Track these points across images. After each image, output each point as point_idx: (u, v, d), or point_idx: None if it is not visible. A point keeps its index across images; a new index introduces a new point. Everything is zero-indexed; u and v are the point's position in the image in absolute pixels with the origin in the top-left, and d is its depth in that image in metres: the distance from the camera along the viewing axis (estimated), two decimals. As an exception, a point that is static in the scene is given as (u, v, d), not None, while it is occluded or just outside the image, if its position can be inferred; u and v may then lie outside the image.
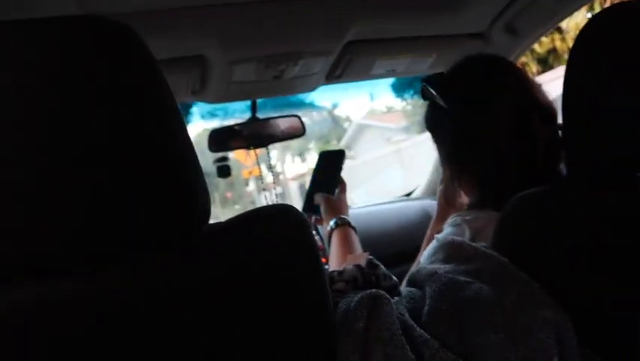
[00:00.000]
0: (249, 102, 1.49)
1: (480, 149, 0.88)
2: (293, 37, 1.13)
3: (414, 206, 1.69)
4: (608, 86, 0.62)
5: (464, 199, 0.98)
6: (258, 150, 1.53)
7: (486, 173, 0.88)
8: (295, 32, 1.12)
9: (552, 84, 1.09)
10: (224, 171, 1.60)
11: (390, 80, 2.30)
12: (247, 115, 1.52)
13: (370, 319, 0.58)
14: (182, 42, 1.06)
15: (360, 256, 0.79)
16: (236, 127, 1.48)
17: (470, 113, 0.87)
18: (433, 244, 0.86)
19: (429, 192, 1.87)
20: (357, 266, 0.68)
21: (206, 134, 1.47)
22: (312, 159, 11.90)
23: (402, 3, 1.15)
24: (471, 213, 0.89)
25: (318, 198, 1.23)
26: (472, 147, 0.89)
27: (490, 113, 0.86)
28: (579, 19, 4.68)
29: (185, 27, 1.01)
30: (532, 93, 0.88)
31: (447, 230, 0.90)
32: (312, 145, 12.21)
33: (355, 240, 1.12)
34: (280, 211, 0.58)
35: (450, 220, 0.91)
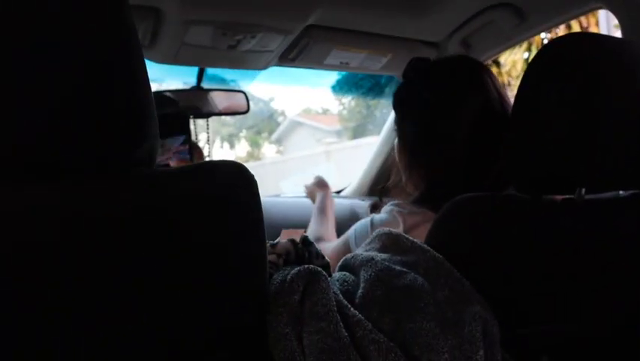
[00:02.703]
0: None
1: (438, 149, 0.88)
2: (256, 8, 1.10)
3: (342, 203, 1.71)
4: (554, 110, 0.65)
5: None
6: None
7: (437, 174, 0.89)
8: (259, 3, 1.09)
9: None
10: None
11: (332, 81, 2.30)
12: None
13: (306, 293, 0.57)
14: (139, -11, 1.00)
15: (296, 232, 0.78)
16: (169, 93, 1.40)
17: (436, 114, 0.88)
18: (367, 228, 0.86)
19: (358, 193, 1.89)
20: (292, 241, 0.67)
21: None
22: (241, 148, 11.69)
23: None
24: (407, 206, 0.90)
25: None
26: (431, 145, 0.89)
27: (455, 117, 0.87)
28: (517, 57, 4.96)
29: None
30: (501, 99, 0.88)
31: (381, 216, 0.91)
32: (242, 134, 11.95)
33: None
34: (229, 166, 0.56)
35: (387, 207, 0.91)
